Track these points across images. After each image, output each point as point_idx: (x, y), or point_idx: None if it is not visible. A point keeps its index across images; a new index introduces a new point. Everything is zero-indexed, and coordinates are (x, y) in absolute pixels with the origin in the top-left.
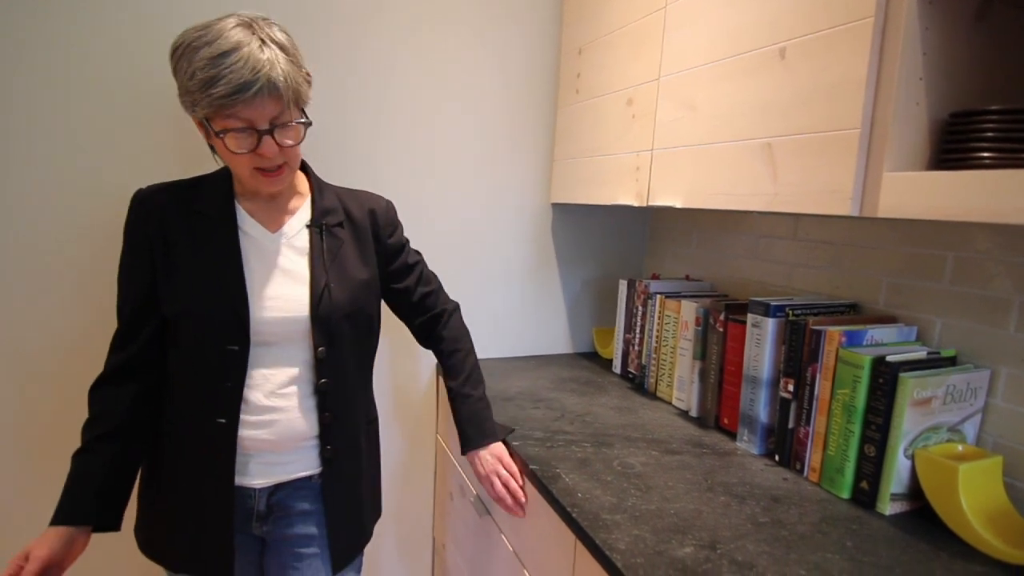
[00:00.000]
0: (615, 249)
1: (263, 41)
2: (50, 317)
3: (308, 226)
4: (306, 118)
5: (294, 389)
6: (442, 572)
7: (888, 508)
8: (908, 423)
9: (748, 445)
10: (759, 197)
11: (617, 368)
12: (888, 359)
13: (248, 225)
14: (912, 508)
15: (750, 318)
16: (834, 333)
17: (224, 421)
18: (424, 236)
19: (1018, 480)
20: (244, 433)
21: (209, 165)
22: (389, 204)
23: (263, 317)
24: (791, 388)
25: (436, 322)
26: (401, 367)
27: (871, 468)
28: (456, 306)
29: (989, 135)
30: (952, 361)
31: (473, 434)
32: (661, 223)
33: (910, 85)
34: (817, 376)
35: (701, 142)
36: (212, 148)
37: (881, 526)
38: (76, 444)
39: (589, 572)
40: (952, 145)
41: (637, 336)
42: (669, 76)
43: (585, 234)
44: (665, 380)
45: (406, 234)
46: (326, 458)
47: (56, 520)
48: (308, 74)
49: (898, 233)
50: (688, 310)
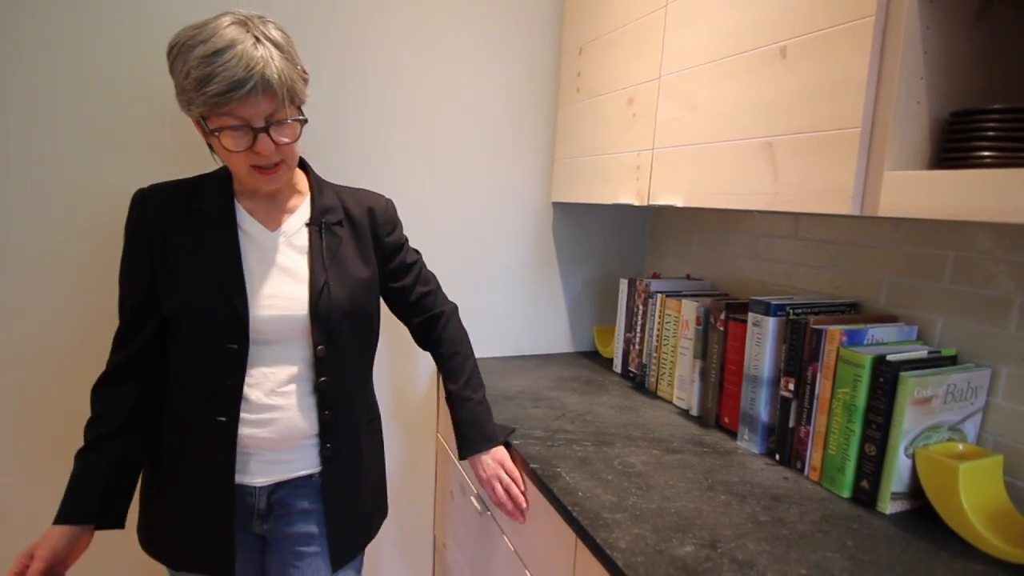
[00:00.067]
0: (616, 248)
1: (257, 39)
2: (50, 317)
3: (307, 224)
4: (303, 116)
5: (294, 387)
6: (442, 571)
7: (889, 507)
8: (909, 422)
9: (749, 444)
10: (760, 196)
11: (618, 367)
12: (889, 358)
13: (247, 223)
14: (913, 507)
15: (751, 317)
16: (835, 332)
17: (224, 419)
18: (424, 236)
19: (1019, 479)
20: (244, 431)
21: (209, 165)
22: (389, 202)
23: (262, 315)
24: (792, 387)
25: (434, 323)
26: (401, 367)
27: (872, 467)
28: (454, 308)
29: (990, 134)
30: (953, 360)
31: (474, 437)
32: (662, 222)
33: (911, 84)
34: (818, 375)
35: (702, 141)
36: (210, 147)
37: (881, 525)
38: (77, 444)
39: (589, 571)
40: (953, 144)
41: (638, 335)
42: (670, 75)
43: (586, 233)
44: (666, 379)
45: (406, 234)
46: (326, 457)
47: (60, 519)
48: (305, 72)
49: (899, 232)
50: (689, 309)
